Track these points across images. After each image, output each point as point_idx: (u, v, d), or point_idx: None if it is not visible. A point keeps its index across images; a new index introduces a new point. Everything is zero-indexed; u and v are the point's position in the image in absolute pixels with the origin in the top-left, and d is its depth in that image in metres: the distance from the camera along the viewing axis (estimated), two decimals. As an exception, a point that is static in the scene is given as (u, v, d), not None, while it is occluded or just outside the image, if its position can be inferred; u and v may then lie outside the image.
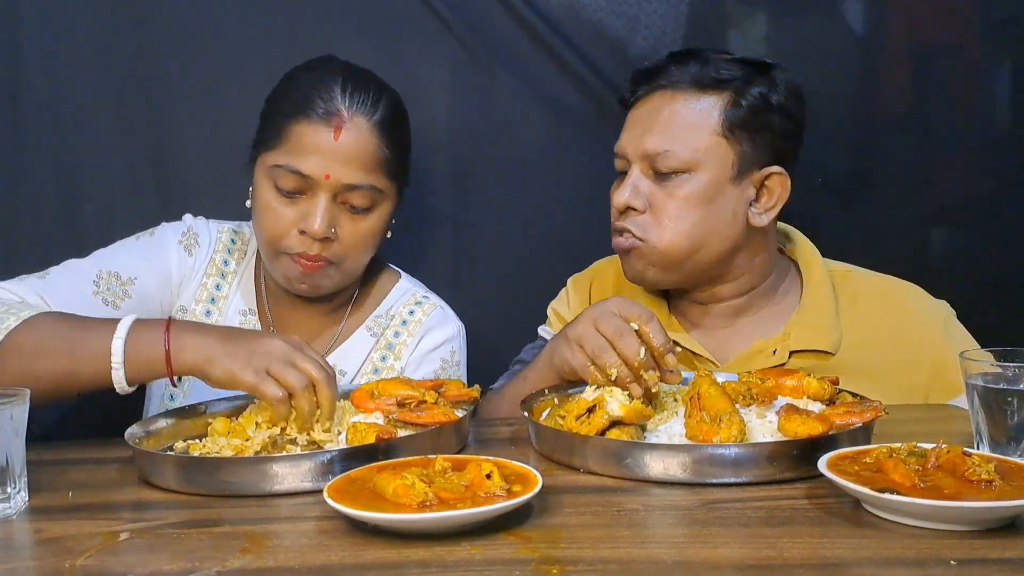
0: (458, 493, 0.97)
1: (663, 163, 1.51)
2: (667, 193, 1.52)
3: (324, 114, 1.46)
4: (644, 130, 1.54)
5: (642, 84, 1.57)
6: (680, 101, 1.53)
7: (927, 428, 1.42)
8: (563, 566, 0.87)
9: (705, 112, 1.52)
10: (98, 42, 1.85)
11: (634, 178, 1.54)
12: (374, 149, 1.49)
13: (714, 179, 1.51)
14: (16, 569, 0.93)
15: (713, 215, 1.53)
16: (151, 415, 1.55)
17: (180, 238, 1.62)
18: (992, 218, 2.03)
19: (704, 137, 1.51)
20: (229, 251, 1.66)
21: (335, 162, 1.46)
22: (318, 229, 1.46)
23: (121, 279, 1.53)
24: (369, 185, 1.49)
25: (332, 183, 1.47)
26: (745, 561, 0.88)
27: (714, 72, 1.52)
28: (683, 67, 1.53)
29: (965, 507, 0.92)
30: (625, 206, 1.54)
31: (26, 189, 1.87)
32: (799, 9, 1.99)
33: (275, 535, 0.99)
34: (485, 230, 1.98)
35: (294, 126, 1.47)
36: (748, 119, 1.51)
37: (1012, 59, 2.01)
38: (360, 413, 1.29)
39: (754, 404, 1.23)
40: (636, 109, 1.58)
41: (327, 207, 1.47)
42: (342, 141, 1.46)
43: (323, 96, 1.47)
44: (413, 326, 1.65)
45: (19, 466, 1.08)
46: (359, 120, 1.48)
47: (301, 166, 1.46)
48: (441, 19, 1.90)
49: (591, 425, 1.15)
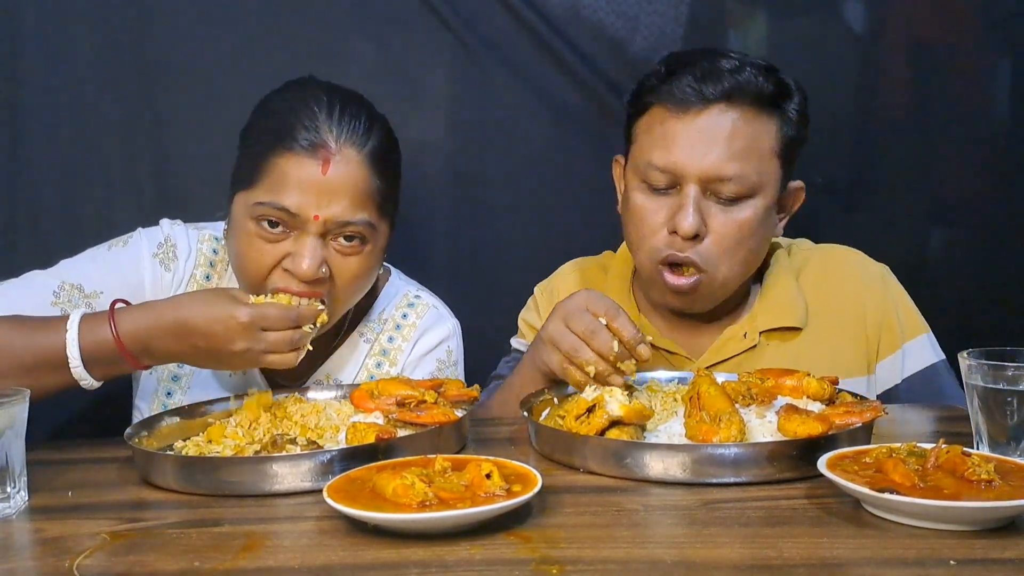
0: (458, 493, 0.97)
1: (730, 188, 1.43)
2: (728, 218, 1.45)
3: (309, 146, 1.33)
4: (707, 149, 1.42)
5: (689, 92, 1.44)
6: (742, 121, 1.43)
7: (927, 428, 1.43)
8: (563, 566, 0.87)
9: (766, 133, 1.45)
10: (98, 42, 1.85)
11: (694, 200, 1.43)
12: (365, 182, 1.36)
13: (769, 203, 1.47)
14: (16, 569, 0.93)
15: (762, 239, 1.50)
16: (148, 414, 1.56)
17: (156, 250, 1.51)
18: (992, 218, 2.03)
19: (767, 160, 1.46)
20: (211, 263, 1.55)
21: (323, 198, 1.33)
22: (307, 271, 1.33)
23: (84, 292, 1.43)
24: (361, 220, 1.36)
25: (321, 223, 1.34)
26: (745, 561, 0.88)
27: (771, 88, 1.44)
28: (735, 77, 1.43)
29: (965, 507, 0.92)
30: (694, 234, 1.43)
31: (26, 189, 1.87)
32: (799, 9, 1.99)
33: (275, 535, 0.99)
34: (485, 230, 1.98)
35: (275, 160, 1.34)
36: (795, 138, 1.48)
37: (1012, 59, 2.01)
38: (360, 413, 1.29)
39: (754, 404, 1.23)
40: (687, 123, 1.44)
41: (315, 247, 1.34)
42: (331, 176, 1.33)
43: (307, 125, 1.34)
44: (407, 330, 1.58)
45: (19, 466, 1.08)
46: (348, 152, 1.35)
47: (286, 202, 1.33)
48: (441, 19, 1.90)
49: (591, 425, 1.15)
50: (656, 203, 1.48)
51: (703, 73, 1.44)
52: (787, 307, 1.56)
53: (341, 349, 1.59)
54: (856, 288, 1.58)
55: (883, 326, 1.56)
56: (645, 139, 1.49)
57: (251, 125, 1.42)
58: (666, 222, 1.46)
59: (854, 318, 1.57)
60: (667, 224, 1.46)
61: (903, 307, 1.59)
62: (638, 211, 1.49)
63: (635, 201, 1.50)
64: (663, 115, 1.47)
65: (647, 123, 1.50)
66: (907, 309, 1.59)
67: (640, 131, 1.51)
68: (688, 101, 1.44)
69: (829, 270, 1.61)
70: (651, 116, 1.49)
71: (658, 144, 1.46)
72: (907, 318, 1.58)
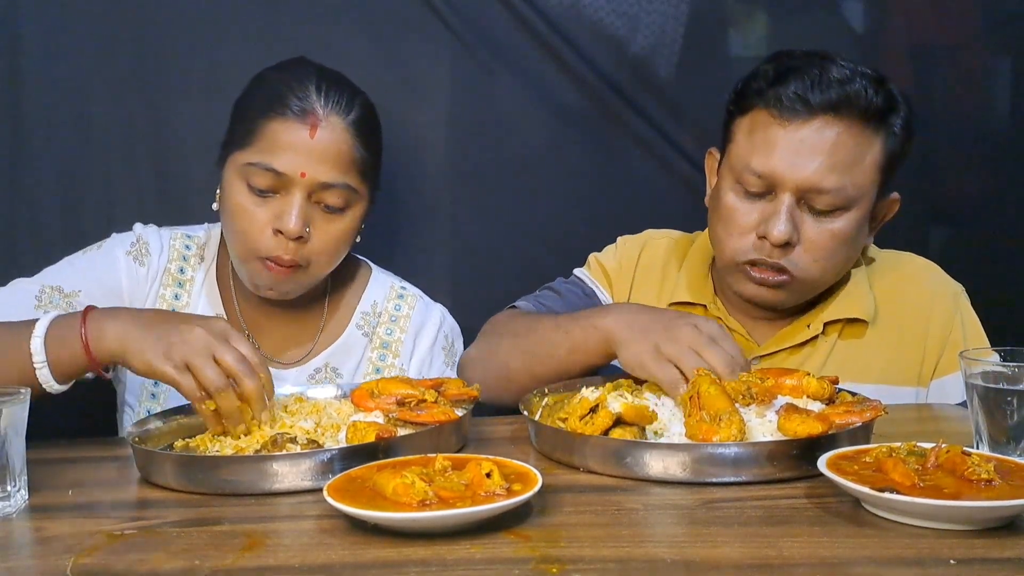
0: (458, 492, 0.97)
1: (827, 200, 1.42)
2: (822, 228, 1.44)
3: (299, 112, 1.45)
4: (808, 161, 1.41)
5: (796, 101, 1.42)
6: (847, 134, 1.41)
7: (927, 428, 1.43)
8: (563, 565, 0.87)
9: (871, 148, 1.43)
10: (99, 42, 1.85)
11: (789, 209, 1.43)
12: (349, 148, 1.47)
13: (864, 215, 1.46)
14: (16, 568, 0.94)
15: (854, 249, 1.50)
16: (138, 408, 1.56)
17: (129, 248, 1.58)
18: (992, 218, 2.03)
19: (868, 175, 1.44)
20: (184, 258, 1.61)
21: (310, 160, 1.44)
22: (293, 227, 1.43)
23: (64, 292, 1.50)
24: (344, 184, 1.47)
25: (307, 181, 1.44)
26: (745, 561, 0.88)
27: (880, 102, 1.42)
28: (844, 88, 1.40)
29: (965, 507, 0.92)
30: (786, 242, 1.43)
31: (26, 190, 1.86)
32: (799, 9, 1.99)
33: (275, 534, 0.99)
34: (485, 230, 1.98)
35: (268, 123, 1.45)
36: (897, 152, 1.46)
37: (1012, 59, 2.01)
38: (360, 412, 1.29)
39: (754, 403, 1.23)
40: (791, 131, 1.42)
41: (302, 205, 1.45)
42: (317, 139, 1.44)
43: (298, 95, 1.46)
44: (403, 322, 1.65)
45: (19, 465, 1.08)
46: (334, 119, 1.46)
47: (276, 163, 1.44)
48: (441, 19, 1.89)
49: (595, 426, 1.15)
50: (748, 206, 1.47)
51: (812, 81, 1.41)
52: (855, 300, 1.54)
53: (339, 342, 1.62)
54: (926, 300, 1.56)
55: (948, 343, 1.53)
56: (745, 141, 1.48)
57: (246, 94, 1.53)
58: (756, 226, 1.46)
59: (917, 330, 1.55)
60: (757, 229, 1.46)
61: (971, 329, 1.56)
62: (728, 211, 1.49)
63: (727, 201, 1.49)
64: (767, 120, 1.45)
65: (749, 125, 1.48)
66: (976, 332, 1.56)
67: (740, 131, 1.50)
68: (794, 110, 1.42)
69: (903, 277, 1.59)
70: (753, 119, 1.47)
71: (759, 149, 1.44)
72: (976, 342, 1.53)
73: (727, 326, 1.57)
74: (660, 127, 1.93)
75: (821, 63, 1.44)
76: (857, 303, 1.54)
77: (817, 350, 1.54)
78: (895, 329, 1.55)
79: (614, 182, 1.96)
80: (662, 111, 1.93)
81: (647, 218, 1.80)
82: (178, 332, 1.20)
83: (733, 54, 2.01)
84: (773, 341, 1.57)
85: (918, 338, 1.55)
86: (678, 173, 1.94)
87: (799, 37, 1.91)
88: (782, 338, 1.56)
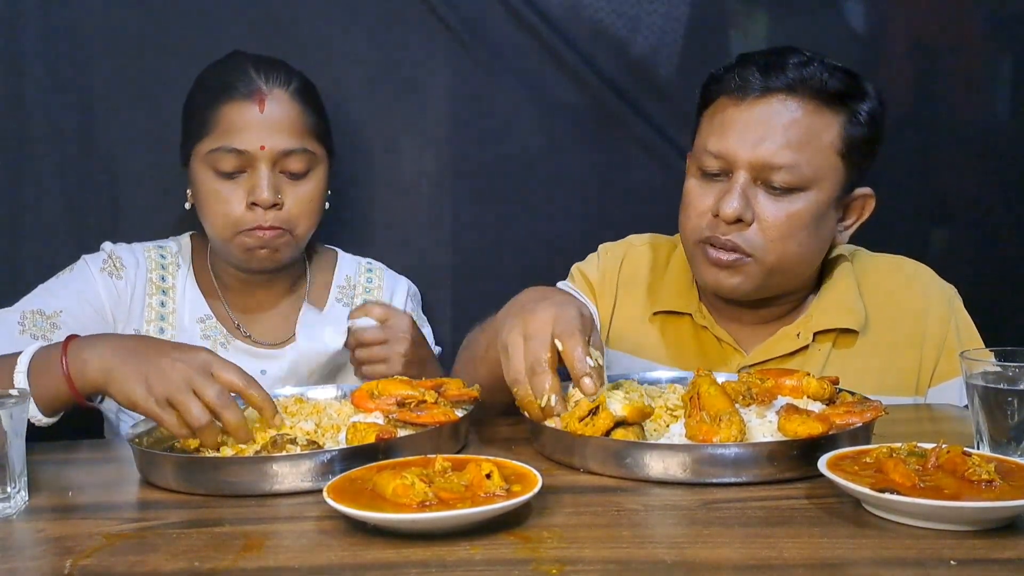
0: (458, 493, 0.97)
1: (781, 178, 1.42)
2: (779, 208, 1.44)
3: (246, 92, 1.56)
4: (761, 137, 1.43)
5: (750, 81, 1.44)
6: (802, 112, 1.43)
7: (927, 428, 1.43)
8: (563, 566, 0.87)
9: (827, 128, 1.44)
10: (100, 42, 1.85)
11: (742, 187, 1.44)
12: (298, 115, 1.58)
13: (824, 200, 1.46)
14: (16, 569, 0.93)
15: (816, 236, 1.48)
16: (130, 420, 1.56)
17: (102, 265, 1.64)
18: (992, 218, 2.03)
19: (825, 156, 1.44)
20: (163, 267, 1.69)
21: (265, 132, 1.55)
22: (266, 196, 1.54)
23: (46, 314, 1.55)
24: (302, 148, 1.57)
25: (268, 153, 1.55)
26: (745, 561, 0.88)
27: (838, 85, 1.44)
28: (800, 71, 1.43)
29: (965, 507, 0.92)
30: (736, 218, 1.44)
31: (28, 191, 1.86)
32: (799, 8, 1.99)
33: (275, 535, 0.99)
34: (484, 230, 1.98)
35: (220, 109, 1.56)
36: (862, 141, 1.47)
37: (1012, 59, 2.01)
38: (360, 413, 1.29)
39: (754, 404, 1.22)
40: (744, 110, 1.45)
41: (269, 176, 1.55)
42: (268, 112, 1.55)
43: (241, 78, 1.57)
44: (376, 293, 1.79)
45: (19, 466, 1.08)
46: (278, 92, 1.57)
47: (235, 143, 1.54)
48: (441, 19, 1.89)
49: (596, 427, 1.15)
50: (706, 188, 1.49)
51: (768, 64, 1.45)
52: (844, 309, 1.53)
53: (324, 312, 1.72)
54: (920, 307, 1.55)
55: (944, 348, 1.53)
56: (706, 127, 1.50)
57: (193, 92, 1.64)
58: (713, 206, 1.47)
59: (914, 337, 1.54)
60: (712, 208, 1.47)
61: (966, 332, 1.55)
62: (687, 195, 1.52)
63: (687, 186, 1.52)
64: (724, 103, 1.48)
65: (710, 113, 1.51)
66: (971, 335, 1.55)
67: (703, 121, 1.52)
68: (749, 89, 1.45)
69: (894, 282, 1.58)
70: (715, 106, 1.50)
71: (715, 131, 1.47)
72: (971, 344, 1.52)
73: (714, 335, 1.57)
74: (660, 128, 1.93)
75: (781, 50, 1.47)
76: (845, 312, 1.53)
77: (810, 361, 1.53)
78: (890, 338, 1.54)
79: (614, 182, 1.96)
80: (662, 112, 1.93)
81: (647, 218, 1.80)
82: (158, 366, 1.18)
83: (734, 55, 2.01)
84: (761, 350, 1.56)
85: (914, 346, 1.54)
86: (678, 173, 1.93)
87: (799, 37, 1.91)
88: (769, 347, 1.55)
